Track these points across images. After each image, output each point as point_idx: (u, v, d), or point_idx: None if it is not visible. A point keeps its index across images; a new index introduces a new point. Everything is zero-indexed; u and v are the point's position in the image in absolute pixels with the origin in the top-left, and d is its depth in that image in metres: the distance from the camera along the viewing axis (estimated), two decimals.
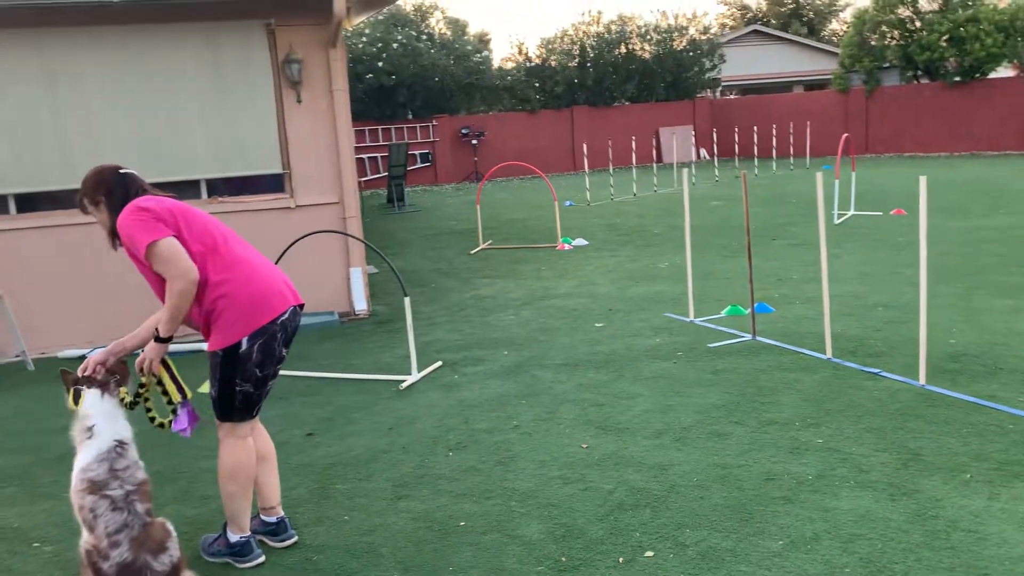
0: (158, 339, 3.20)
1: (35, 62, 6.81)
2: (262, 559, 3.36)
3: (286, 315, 3.27)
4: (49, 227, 7.04)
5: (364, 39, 24.59)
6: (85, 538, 2.95)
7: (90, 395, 3.12)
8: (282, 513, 3.53)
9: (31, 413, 5.56)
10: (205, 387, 3.34)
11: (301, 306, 3.40)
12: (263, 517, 3.50)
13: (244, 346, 3.17)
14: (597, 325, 6.84)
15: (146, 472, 3.10)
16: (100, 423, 3.04)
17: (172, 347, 3.80)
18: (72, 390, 3.17)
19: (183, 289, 3.09)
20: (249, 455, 3.33)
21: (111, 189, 3.27)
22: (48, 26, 6.77)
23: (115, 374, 3.25)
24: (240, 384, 3.22)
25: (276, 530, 3.49)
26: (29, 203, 7.09)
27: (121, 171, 3.33)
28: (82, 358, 6.88)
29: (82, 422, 3.08)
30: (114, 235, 3.28)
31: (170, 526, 3.11)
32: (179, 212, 3.22)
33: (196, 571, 3.23)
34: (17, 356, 6.79)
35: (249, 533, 3.38)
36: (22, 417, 5.48)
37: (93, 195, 3.29)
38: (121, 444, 3.02)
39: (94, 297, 7.09)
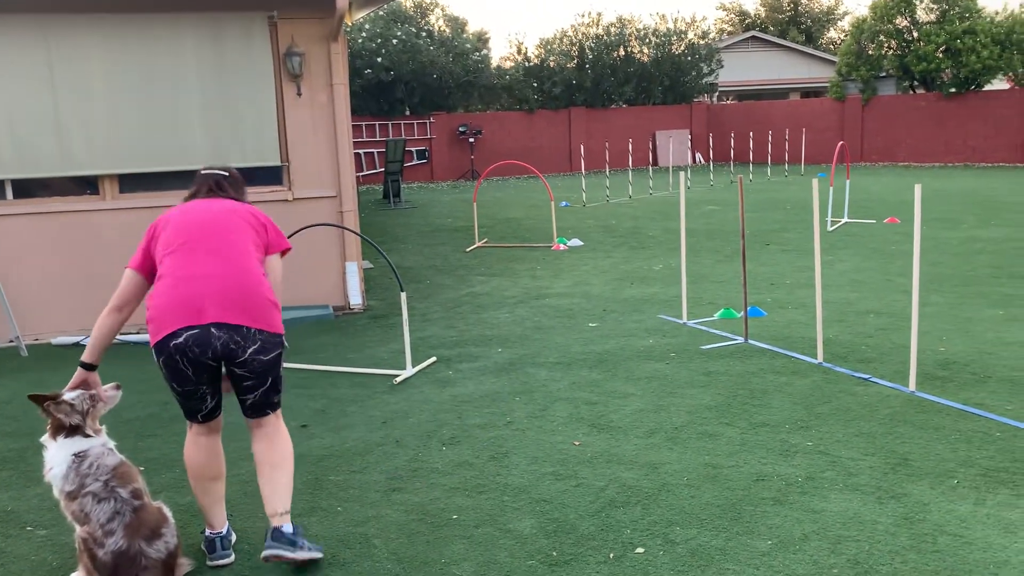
0: (81, 364, 3.20)
1: (36, 47, 6.80)
2: (224, 561, 3.26)
3: (180, 339, 3.00)
4: (45, 213, 7.03)
5: (364, 34, 24.60)
6: (79, 528, 2.98)
7: (46, 442, 3.11)
8: (222, 531, 3.31)
9: (25, 399, 5.55)
10: None
11: (230, 325, 3.05)
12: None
13: (154, 356, 3.12)
14: (591, 325, 6.88)
15: (119, 456, 3.12)
16: (53, 460, 3.04)
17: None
18: None
19: (101, 317, 3.21)
20: (192, 452, 3.26)
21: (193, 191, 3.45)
22: (50, 12, 6.77)
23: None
24: (171, 387, 3.18)
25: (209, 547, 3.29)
26: (25, 189, 7.09)
27: (202, 172, 3.49)
28: (75, 345, 6.90)
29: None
30: None
31: (167, 511, 3.14)
32: (168, 223, 3.25)
33: (192, 559, 3.27)
34: (11, 341, 6.79)
35: (218, 530, 3.28)
36: (16, 402, 5.48)
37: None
38: (77, 455, 3.01)
39: (87, 285, 7.08)
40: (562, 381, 5.39)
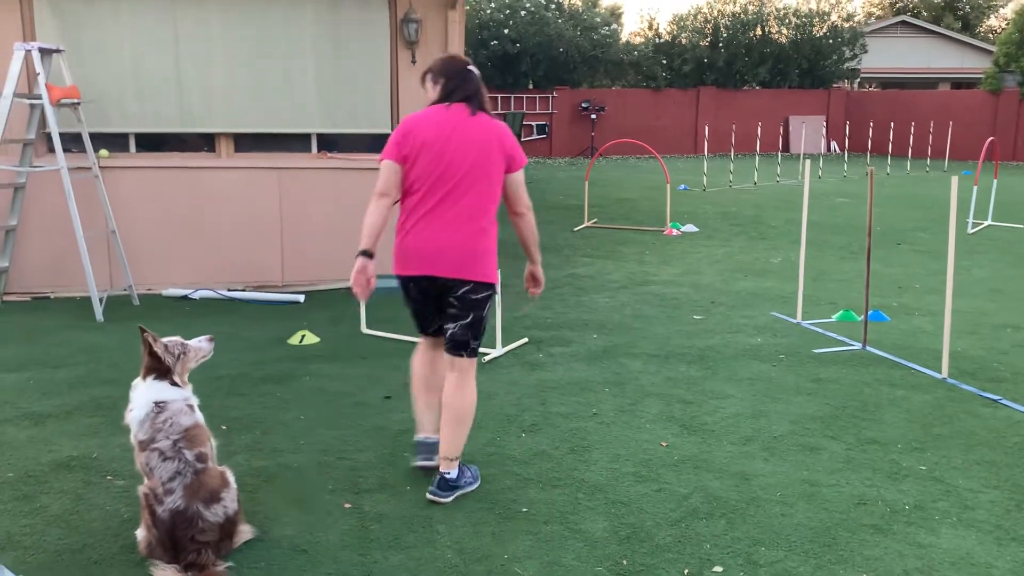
0: (362, 253, 3.41)
1: (162, 9, 6.96)
2: (423, 463, 3.72)
3: (413, 277, 3.52)
4: (163, 168, 7.24)
5: (492, 4, 24.50)
6: (145, 482, 2.98)
7: (136, 383, 3.14)
8: (426, 438, 3.74)
9: (132, 347, 5.73)
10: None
11: (451, 278, 3.48)
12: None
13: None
14: (696, 317, 6.55)
15: (196, 418, 3.09)
16: (136, 403, 3.06)
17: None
18: None
19: (372, 207, 3.46)
20: (417, 359, 3.73)
21: (449, 79, 3.51)
22: None
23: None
24: (406, 301, 3.65)
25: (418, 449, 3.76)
26: (147, 144, 7.31)
27: (468, 68, 3.56)
28: (183, 298, 7.10)
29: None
30: None
31: (230, 476, 3.10)
32: (427, 144, 3.41)
33: (254, 527, 3.22)
34: (125, 290, 7.04)
35: (423, 436, 3.73)
36: (123, 350, 5.66)
37: (435, 75, 3.54)
38: (159, 404, 3.02)
39: (198, 240, 7.26)
40: (657, 375, 5.12)
